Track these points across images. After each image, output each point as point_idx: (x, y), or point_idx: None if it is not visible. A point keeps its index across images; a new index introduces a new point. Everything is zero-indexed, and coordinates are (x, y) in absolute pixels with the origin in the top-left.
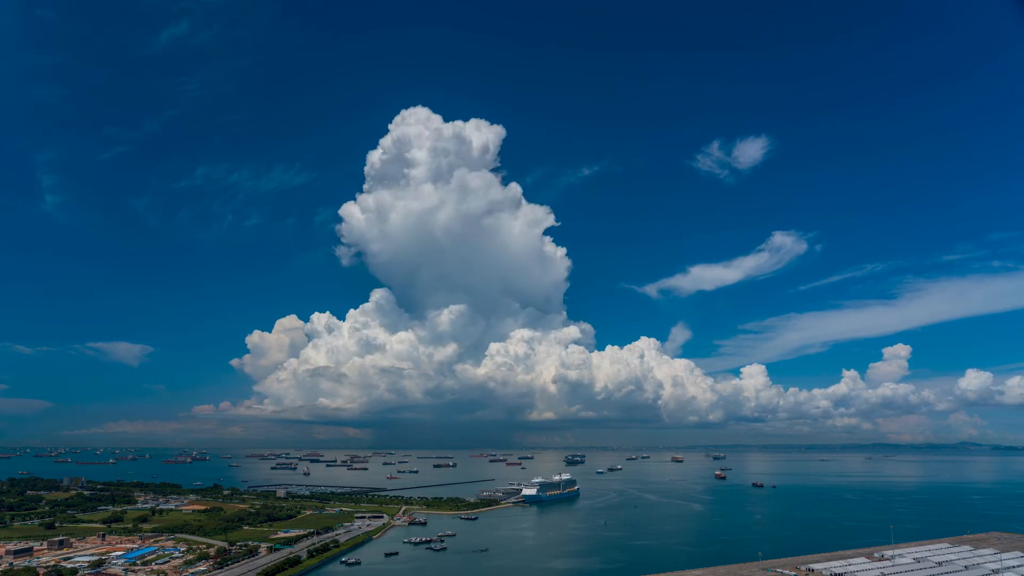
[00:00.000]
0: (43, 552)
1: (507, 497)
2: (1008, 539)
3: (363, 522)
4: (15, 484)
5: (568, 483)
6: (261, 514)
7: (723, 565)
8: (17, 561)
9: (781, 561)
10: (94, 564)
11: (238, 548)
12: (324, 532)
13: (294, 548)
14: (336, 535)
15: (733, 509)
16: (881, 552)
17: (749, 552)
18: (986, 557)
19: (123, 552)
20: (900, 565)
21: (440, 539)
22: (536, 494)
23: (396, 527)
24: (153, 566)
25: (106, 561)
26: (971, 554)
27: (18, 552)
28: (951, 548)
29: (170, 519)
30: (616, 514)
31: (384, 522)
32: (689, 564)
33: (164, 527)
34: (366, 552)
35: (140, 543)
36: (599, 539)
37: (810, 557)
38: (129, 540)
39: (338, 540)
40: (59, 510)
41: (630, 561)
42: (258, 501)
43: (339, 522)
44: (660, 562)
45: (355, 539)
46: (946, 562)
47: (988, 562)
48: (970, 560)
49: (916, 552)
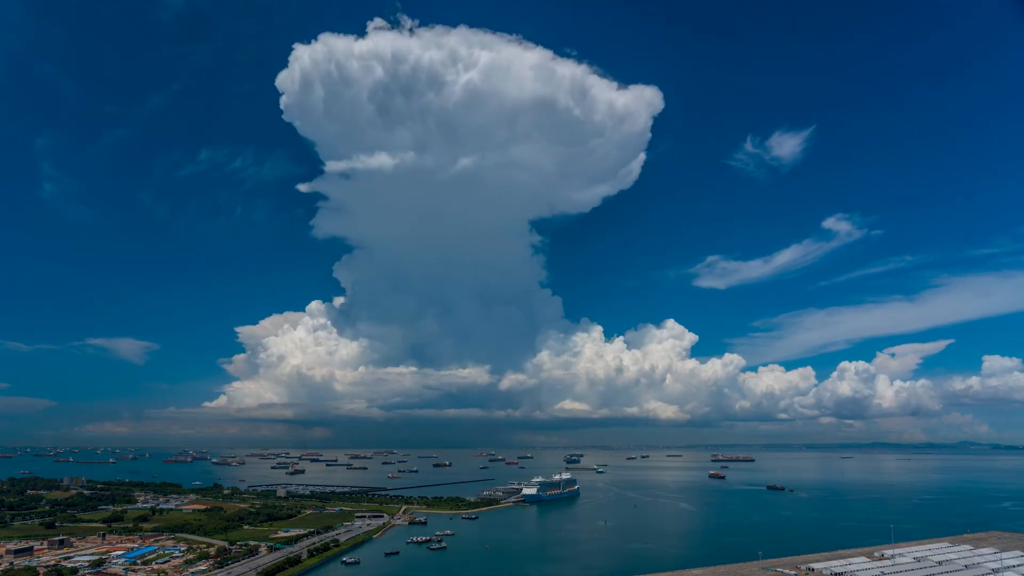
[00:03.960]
0: (43, 552)
1: (507, 496)
2: (1008, 538)
3: (363, 521)
4: (15, 484)
5: (568, 482)
6: (261, 513)
7: (723, 564)
8: (17, 561)
9: (781, 560)
10: (94, 564)
11: (238, 548)
12: (324, 531)
13: (294, 547)
14: (336, 534)
15: (733, 510)
16: (881, 551)
17: (749, 551)
18: (986, 556)
19: (123, 552)
20: (900, 564)
21: (439, 539)
22: (536, 493)
23: (396, 526)
24: (153, 565)
25: (106, 561)
26: (971, 553)
27: (18, 552)
28: (951, 547)
29: (170, 519)
30: (616, 514)
31: (384, 521)
32: (689, 563)
33: (164, 526)
34: (366, 552)
35: (140, 543)
36: (599, 538)
37: (810, 556)
38: (129, 540)
39: (338, 539)
40: (59, 510)
41: (630, 560)
42: (258, 500)
43: (339, 521)
44: (660, 561)
45: (355, 538)
46: (946, 561)
47: (988, 561)
48: (970, 559)
49: (916, 551)
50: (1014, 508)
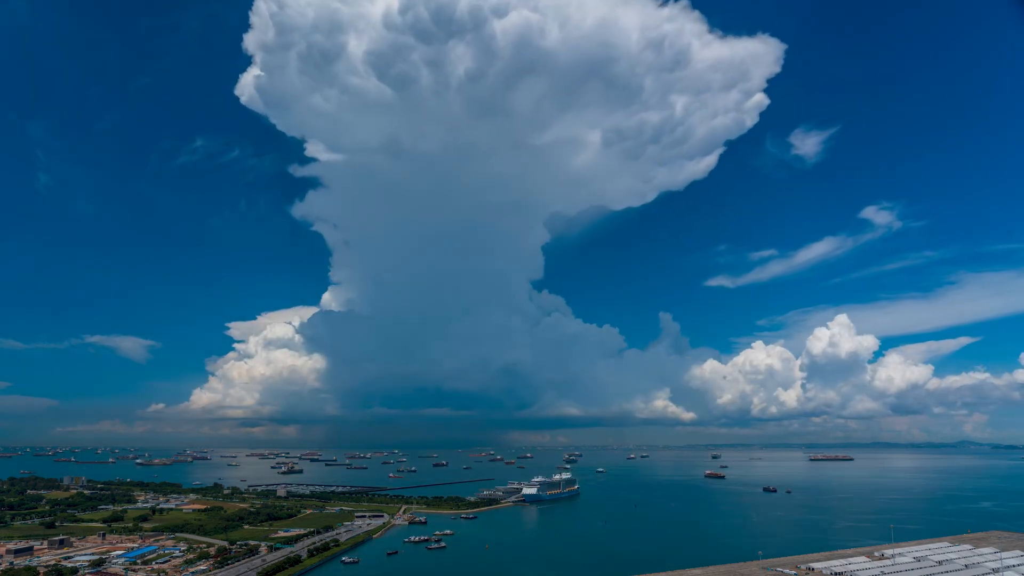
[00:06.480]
0: (43, 551)
1: (507, 496)
2: (1008, 538)
3: (363, 521)
4: (15, 483)
5: (568, 482)
6: (261, 513)
7: (723, 564)
8: (17, 560)
9: (781, 560)
10: (94, 563)
11: (238, 547)
12: (324, 531)
13: (294, 547)
14: (336, 534)
15: (732, 511)
16: (881, 551)
17: (749, 550)
18: (986, 556)
19: (123, 551)
20: (900, 564)
21: (438, 539)
22: (536, 493)
23: (396, 526)
24: (153, 565)
25: (106, 560)
26: (971, 553)
27: (18, 551)
28: (951, 547)
29: (170, 518)
30: (616, 513)
31: (384, 521)
32: (689, 563)
33: (164, 526)
34: (366, 551)
35: (140, 542)
36: (599, 538)
37: (810, 556)
38: (129, 539)
39: (338, 539)
40: (59, 509)
41: (630, 560)
42: (258, 500)
43: (339, 521)
44: (660, 561)
45: (355, 538)
46: (946, 561)
47: (988, 561)
48: (970, 559)
49: (916, 551)
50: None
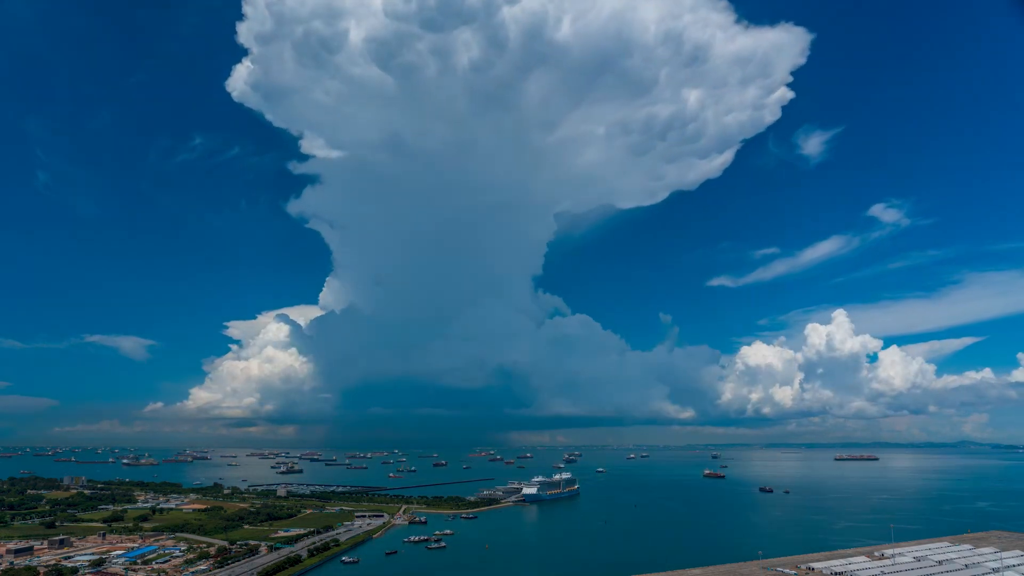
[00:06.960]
0: (43, 551)
1: (507, 496)
2: (1008, 538)
3: (363, 521)
4: (15, 483)
5: (568, 482)
6: (261, 513)
7: (723, 564)
8: (18, 560)
9: (781, 560)
10: (95, 563)
11: (238, 547)
12: (324, 531)
13: (294, 547)
14: (336, 534)
15: (732, 511)
16: (881, 551)
17: (749, 550)
18: (986, 556)
19: (124, 551)
20: (900, 564)
21: (438, 539)
22: (537, 493)
23: (396, 526)
24: (154, 565)
25: (107, 560)
26: (971, 553)
27: (19, 551)
28: (951, 547)
29: (170, 518)
30: (616, 513)
31: (384, 521)
32: (689, 563)
33: (164, 526)
34: (366, 551)
35: (141, 542)
36: (599, 538)
37: (810, 556)
38: (130, 539)
39: (338, 539)
40: (59, 509)
41: (630, 560)
42: (258, 500)
43: (339, 521)
44: (660, 561)
45: (355, 538)
46: (946, 561)
47: (988, 561)
48: (970, 559)
49: (916, 551)
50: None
